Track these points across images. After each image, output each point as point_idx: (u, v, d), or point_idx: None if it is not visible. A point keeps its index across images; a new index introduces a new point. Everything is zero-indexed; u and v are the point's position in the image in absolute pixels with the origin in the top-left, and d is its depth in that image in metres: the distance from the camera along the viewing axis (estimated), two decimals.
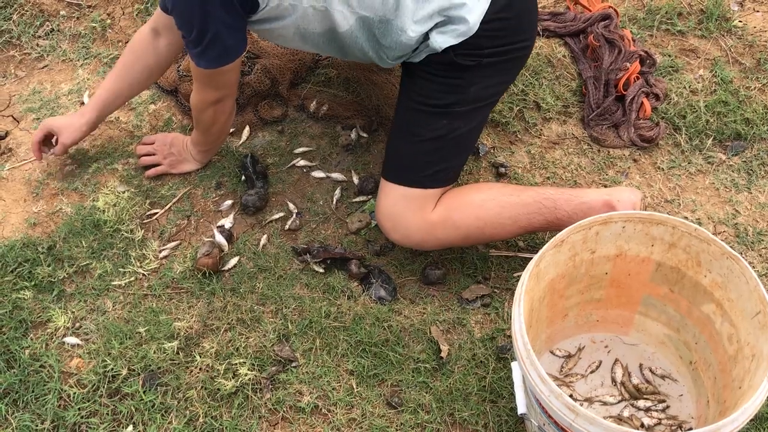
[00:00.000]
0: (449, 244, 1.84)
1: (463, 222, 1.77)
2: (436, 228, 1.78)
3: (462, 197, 1.82)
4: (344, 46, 1.77)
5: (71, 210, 2.08)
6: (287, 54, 2.36)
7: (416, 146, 1.79)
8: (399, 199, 1.80)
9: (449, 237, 1.80)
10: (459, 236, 1.80)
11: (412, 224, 1.78)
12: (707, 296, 1.52)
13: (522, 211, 1.77)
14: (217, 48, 1.69)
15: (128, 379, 1.74)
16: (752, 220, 1.98)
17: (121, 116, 2.32)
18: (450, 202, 1.81)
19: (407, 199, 1.79)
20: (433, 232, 1.78)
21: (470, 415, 1.66)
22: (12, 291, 1.90)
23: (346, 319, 1.82)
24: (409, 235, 1.80)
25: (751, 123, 2.14)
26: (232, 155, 2.19)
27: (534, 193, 1.81)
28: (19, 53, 2.51)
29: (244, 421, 1.67)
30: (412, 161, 1.80)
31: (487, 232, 1.79)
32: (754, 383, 1.31)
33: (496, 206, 1.78)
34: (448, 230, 1.78)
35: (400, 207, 1.80)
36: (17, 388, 1.73)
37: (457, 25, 1.67)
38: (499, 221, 1.77)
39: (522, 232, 1.81)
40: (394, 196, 1.81)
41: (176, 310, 1.86)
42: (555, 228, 1.75)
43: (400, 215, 1.79)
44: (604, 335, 1.76)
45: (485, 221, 1.77)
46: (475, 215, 1.77)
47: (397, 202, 1.80)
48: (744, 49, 2.29)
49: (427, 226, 1.78)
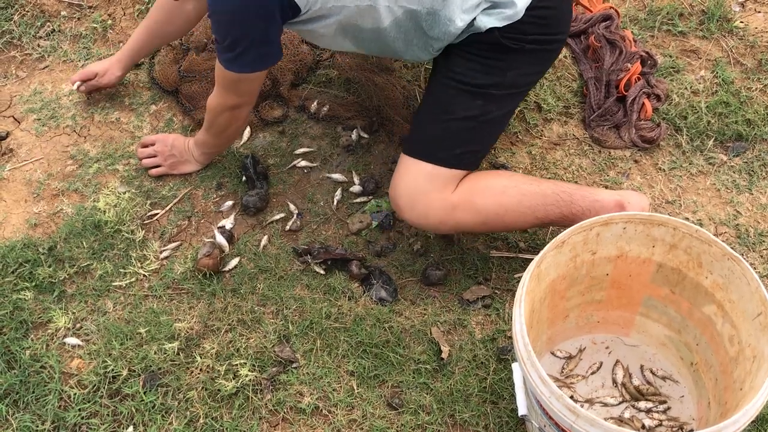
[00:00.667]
0: (466, 228, 1.80)
1: (485, 207, 1.74)
2: (456, 210, 1.74)
3: (484, 181, 1.79)
4: (387, 42, 1.74)
5: (72, 211, 2.08)
6: (288, 55, 2.36)
7: (447, 124, 1.75)
8: (421, 176, 1.74)
9: (468, 221, 1.76)
10: (478, 221, 1.76)
11: (433, 204, 1.73)
12: (708, 297, 1.52)
13: (541, 201, 1.75)
14: (251, 54, 1.67)
15: (129, 379, 1.74)
16: (753, 221, 1.98)
17: (122, 117, 2.32)
18: (472, 185, 1.77)
19: (431, 178, 1.73)
20: (453, 214, 1.74)
21: (471, 416, 1.66)
22: (13, 292, 1.90)
23: (347, 320, 1.82)
24: (428, 214, 1.74)
25: (752, 124, 2.13)
26: (233, 156, 2.19)
27: (552, 185, 1.79)
28: (20, 54, 2.51)
29: (244, 422, 1.67)
30: (441, 139, 1.76)
31: (506, 219, 1.76)
32: (756, 384, 1.31)
33: (518, 194, 1.75)
34: (468, 214, 1.75)
35: (422, 184, 1.74)
36: (18, 389, 1.73)
37: (504, 9, 1.66)
38: (519, 210, 1.75)
39: (537, 223, 1.79)
40: (415, 173, 1.75)
41: (177, 310, 1.86)
42: (568, 222, 1.72)
43: (421, 193, 1.73)
44: (605, 336, 1.76)
45: (506, 208, 1.75)
46: (497, 201, 1.74)
47: (419, 179, 1.74)
48: (745, 50, 2.28)
49: (447, 207, 1.73)
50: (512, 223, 1.78)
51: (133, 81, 2.43)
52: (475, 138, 1.78)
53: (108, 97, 2.38)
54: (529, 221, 1.78)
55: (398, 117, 2.22)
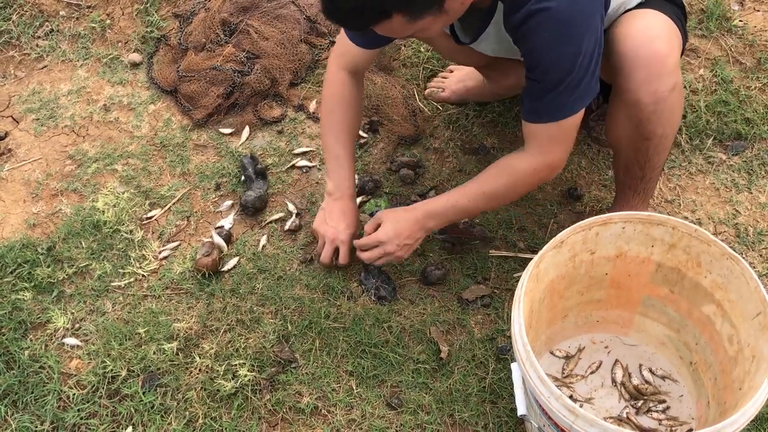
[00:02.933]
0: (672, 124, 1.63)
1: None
2: (682, 90, 1.59)
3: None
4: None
5: (71, 211, 2.07)
6: (287, 54, 2.36)
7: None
8: (662, 23, 1.56)
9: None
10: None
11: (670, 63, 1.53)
12: (707, 297, 1.52)
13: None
14: (589, 83, 1.48)
15: (128, 380, 1.74)
16: (752, 220, 1.98)
17: (120, 116, 2.32)
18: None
19: (671, 27, 1.57)
20: (682, 91, 1.58)
21: (470, 415, 1.66)
22: (11, 292, 1.90)
23: (346, 320, 1.82)
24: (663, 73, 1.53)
25: (751, 123, 2.13)
26: (232, 155, 2.19)
27: None
28: (18, 54, 2.51)
29: (243, 422, 1.67)
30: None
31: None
32: (755, 384, 1.31)
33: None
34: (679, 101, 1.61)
35: (663, 31, 1.56)
36: (17, 389, 1.73)
37: None
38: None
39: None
40: (656, 20, 1.56)
41: (176, 311, 1.86)
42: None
43: (662, 39, 1.54)
44: (604, 336, 1.76)
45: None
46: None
47: (662, 26, 1.56)
48: (744, 49, 2.28)
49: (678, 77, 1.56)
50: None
51: (132, 81, 2.42)
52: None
53: (107, 97, 2.38)
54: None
55: (397, 116, 2.22)
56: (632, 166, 1.73)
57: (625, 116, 1.61)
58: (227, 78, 2.30)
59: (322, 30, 2.47)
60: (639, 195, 1.80)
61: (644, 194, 1.80)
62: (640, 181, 1.76)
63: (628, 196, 1.82)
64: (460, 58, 2.04)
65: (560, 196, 2.04)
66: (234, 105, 2.31)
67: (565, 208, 2.02)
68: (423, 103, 2.27)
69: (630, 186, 1.79)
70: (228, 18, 2.45)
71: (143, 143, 2.24)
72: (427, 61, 2.36)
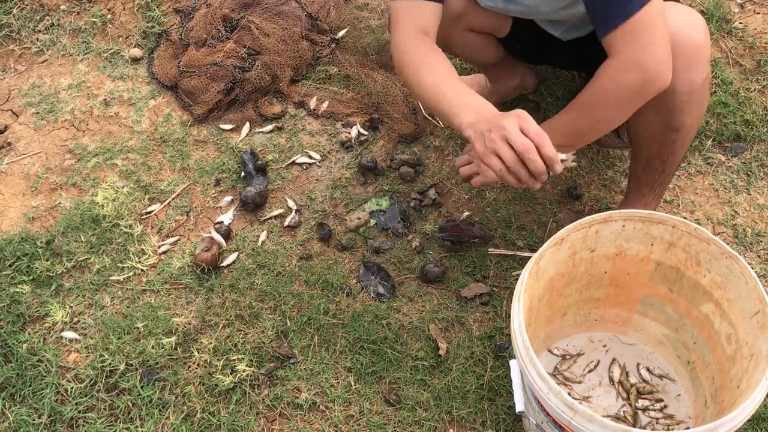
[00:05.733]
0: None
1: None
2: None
3: None
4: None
5: (70, 205, 2.07)
6: (288, 51, 2.36)
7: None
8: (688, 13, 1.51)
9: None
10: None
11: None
12: (706, 296, 1.52)
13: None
14: None
15: (126, 374, 1.74)
16: (751, 221, 1.98)
17: (120, 111, 2.32)
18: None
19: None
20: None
21: (468, 412, 1.66)
22: (10, 285, 1.90)
23: (345, 316, 1.82)
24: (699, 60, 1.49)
25: (750, 124, 2.14)
26: (232, 151, 2.19)
27: None
28: (18, 47, 2.51)
29: (241, 417, 1.67)
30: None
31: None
32: (753, 383, 1.31)
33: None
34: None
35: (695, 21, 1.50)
36: (14, 382, 1.73)
37: None
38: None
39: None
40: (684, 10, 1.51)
41: (174, 305, 1.86)
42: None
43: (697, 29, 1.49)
44: (603, 334, 1.76)
45: None
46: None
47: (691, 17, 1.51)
48: (744, 51, 2.29)
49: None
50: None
51: (132, 76, 2.42)
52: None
53: (107, 92, 2.38)
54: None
55: (397, 114, 2.22)
56: (654, 159, 1.71)
57: (655, 107, 1.53)
58: (228, 74, 2.31)
59: (323, 27, 2.47)
60: (655, 191, 1.80)
61: (660, 189, 1.80)
62: (659, 174, 1.75)
63: (644, 191, 1.81)
64: (477, 54, 1.98)
65: (560, 195, 2.05)
66: (234, 101, 2.31)
67: (564, 207, 2.02)
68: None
69: (647, 181, 1.78)
70: (229, 14, 2.45)
71: (143, 138, 2.24)
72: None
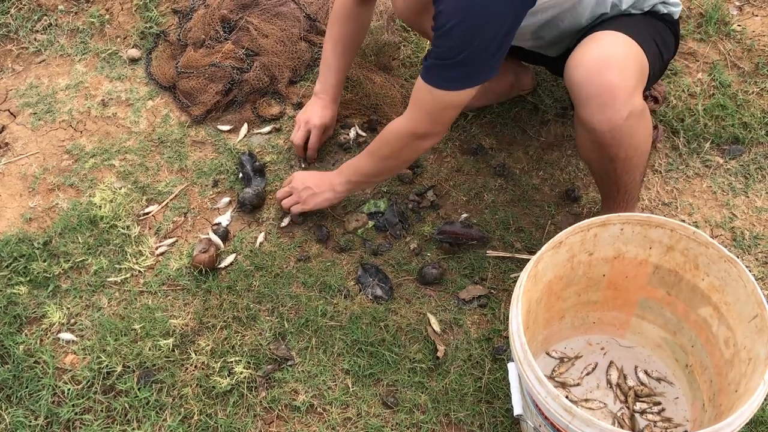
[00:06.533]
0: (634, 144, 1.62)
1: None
2: (643, 116, 1.58)
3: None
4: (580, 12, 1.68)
5: (67, 205, 2.07)
6: (286, 52, 2.35)
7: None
8: (619, 45, 1.55)
9: (631, 141, 1.60)
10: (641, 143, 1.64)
11: (626, 88, 1.52)
12: (704, 299, 1.52)
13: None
14: (485, 65, 1.52)
15: (123, 375, 1.73)
16: (749, 223, 1.98)
17: (118, 112, 2.31)
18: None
19: (631, 53, 1.56)
20: (638, 117, 1.56)
21: (466, 415, 1.66)
22: (7, 286, 1.89)
23: (343, 318, 1.81)
24: (615, 98, 1.51)
25: (748, 127, 2.14)
26: (230, 152, 2.18)
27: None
28: (16, 47, 2.50)
29: (239, 420, 1.67)
30: (638, 30, 1.64)
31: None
32: (751, 387, 1.31)
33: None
34: (643, 128, 1.61)
35: (619, 53, 1.55)
36: (11, 384, 1.72)
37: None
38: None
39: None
40: (613, 42, 1.56)
41: (172, 307, 1.85)
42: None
43: (617, 62, 1.53)
44: (601, 337, 1.76)
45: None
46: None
47: (617, 48, 1.55)
48: (743, 53, 2.29)
49: (638, 105, 1.55)
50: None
51: (130, 76, 2.42)
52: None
53: (105, 92, 2.37)
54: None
55: (396, 115, 2.21)
56: (605, 181, 1.77)
57: (588, 139, 1.63)
58: (226, 75, 2.30)
59: (322, 28, 2.46)
60: (620, 205, 1.80)
61: (625, 204, 1.80)
62: (617, 193, 1.77)
63: (609, 205, 1.83)
64: None
65: (558, 198, 2.04)
66: (232, 102, 2.31)
67: (562, 209, 2.02)
68: None
69: (609, 197, 1.81)
70: (228, 15, 2.44)
71: (141, 139, 2.23)
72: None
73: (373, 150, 1.82)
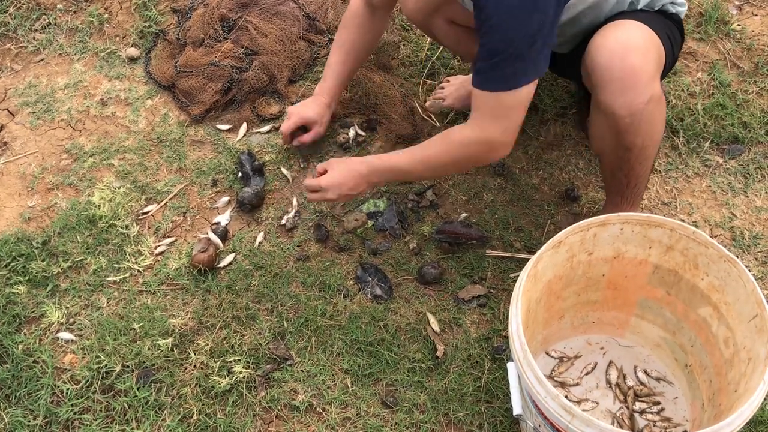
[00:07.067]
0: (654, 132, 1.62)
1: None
2: (660, 102, 1.58)
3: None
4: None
5: (66, 205, 2.06)
6: (285, 51, 2.35)
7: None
8: (639, 32, 1.55)
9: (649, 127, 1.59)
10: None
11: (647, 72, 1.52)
12: (704, 299, 1.52)
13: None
14: (542, 56, 1.48)
15: (122, 375, 1.73)
16: (748, 223, 1.98)
17: (117, 111, 2.31)
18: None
19: (650, 39, 1.56)
20: (657, 102, 1.56)
21: (465, 415, 1.66)
22: (6, 286, 1.89)
23: (342, 318, 1.81)
24: (636, 82, 1.52)
25: (748, 126, 2.14)
26: (229, 152, 2.18)
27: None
28: (15, 46, 2.50)
29: (238, 419, 1.66)
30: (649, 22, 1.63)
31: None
32: (750, 387, 1.31)
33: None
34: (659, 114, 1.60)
35: (639, 41, 1.54)
36: (10, 384, 1.72)
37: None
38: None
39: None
40: (633, 29, 1.55)
41: (171, 306, 1.85)
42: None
43: (637, 49, 1.52)
44: (600, 337, 1.76)
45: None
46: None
47: (636, 35, 1.54)
48: (742, 53, 2.29)
49: (657, 91, 1.55)
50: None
51: (129, 75, 2.41)
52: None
53: (104, 91, 2.37)
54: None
55: (395, 115, 2.21)
56: (617, 173, 1.75)
57: (605, 126, 1.61)
58: (225, 74, 2.30)
59: (321, 27, 2.46)
60: (627, 200, 1.80)
61: (632, 199, 1.80)
62: (626, 187, 1.76)
63: (616, 200, 1.82)
64: (460, 46, 2.03)
65: (557, 197, 2.04)
66: (232, 101, 2.31)
67: (562, 209, 2.02)
68: (426, 115, 2.27)
69: (617, 191, 1.80)
70: (227, 14, 2.44)
71: (140, 138, 2.23)
72: (426, 61, 2.36)
73: (428, 157, 1.70)
